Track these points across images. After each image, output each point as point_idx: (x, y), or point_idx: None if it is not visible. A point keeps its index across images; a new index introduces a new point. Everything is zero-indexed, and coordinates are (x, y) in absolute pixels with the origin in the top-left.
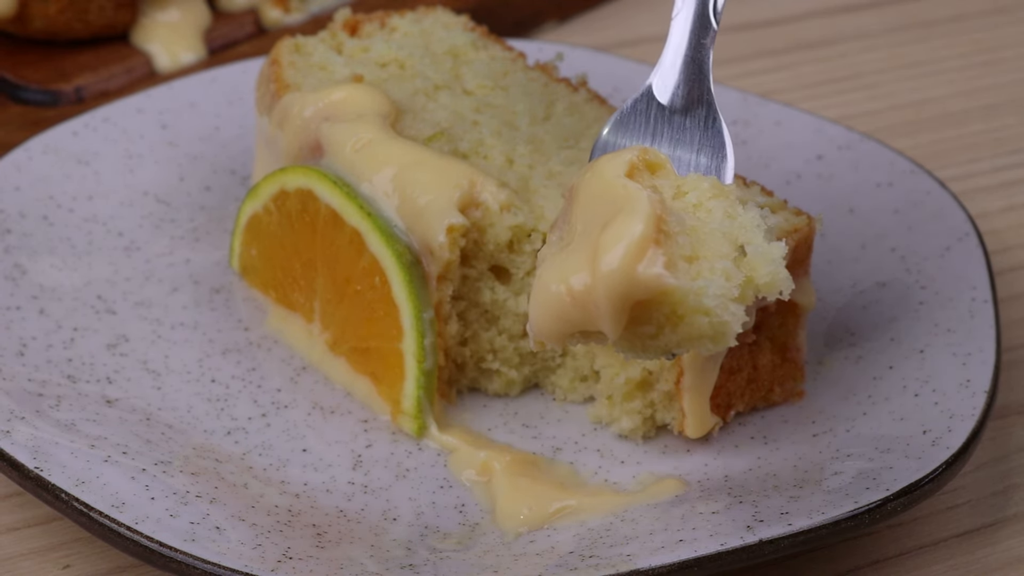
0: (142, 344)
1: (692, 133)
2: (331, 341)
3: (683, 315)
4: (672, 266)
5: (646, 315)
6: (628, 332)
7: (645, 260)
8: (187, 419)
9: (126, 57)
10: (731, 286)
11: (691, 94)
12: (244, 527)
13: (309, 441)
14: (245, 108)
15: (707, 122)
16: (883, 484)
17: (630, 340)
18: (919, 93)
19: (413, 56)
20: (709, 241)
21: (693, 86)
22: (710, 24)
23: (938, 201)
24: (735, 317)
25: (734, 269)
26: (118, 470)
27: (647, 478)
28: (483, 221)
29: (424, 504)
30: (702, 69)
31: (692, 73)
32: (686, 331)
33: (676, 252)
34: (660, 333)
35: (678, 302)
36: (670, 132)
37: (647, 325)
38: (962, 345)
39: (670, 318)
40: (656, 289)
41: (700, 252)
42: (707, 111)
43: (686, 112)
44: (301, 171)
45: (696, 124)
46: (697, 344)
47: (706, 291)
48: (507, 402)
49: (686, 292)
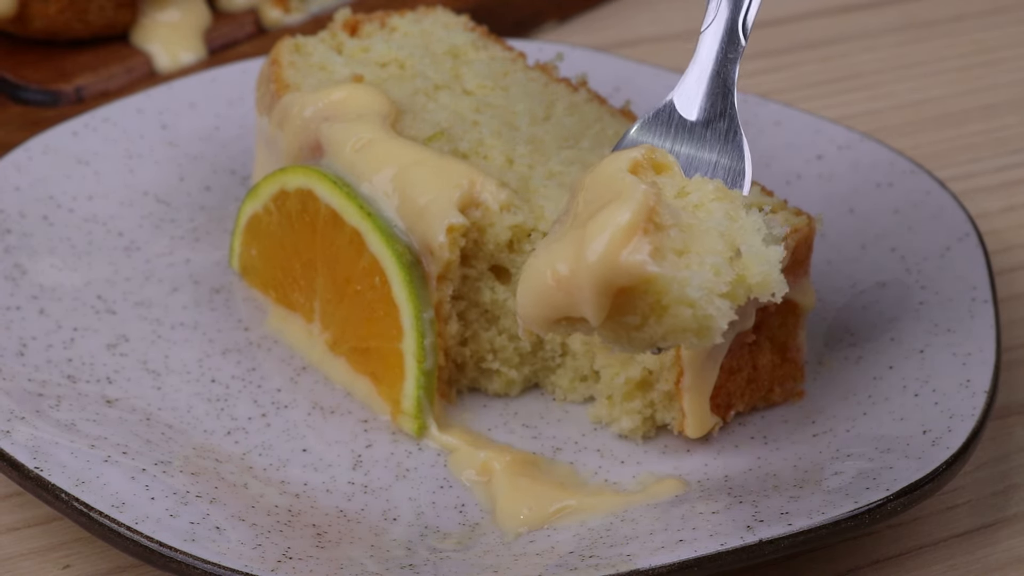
0: (142, 344)
1: (712, 145)
2: (331, 341)
3: (667, 305)
4: (659, 256)
5: (630, 304)
6: (612, 322)
7: (630, 247)
8: (187, 419)
9: (126, 57)
10: (718, 281)
11: (714, 107)
12: (244, 527)
13: (309, 441)
14: (245, 108)
15: (728, 135)
16: (883, 484)
17: (614, 330)
18: (919, 93)
19: (413, 56)
20: (703, 238)
21: (716, 100)
22: (739, 40)
23: (938, 201)
24: (720, 312)
25: (725, 266)
26: (118, 470)
27: (647, 478)
28: (483, 221)
29: (424, 504)
30: (727, 83)
31: (716, 87)
32: (670, 323)
33: (666, 244)
34: (644, 324)
35: (661, 291)
36: (690, 142)
37: (631, 315)
38: (962, 345)
39: (654, 308)
40: (638, 276)
41: (692, 247)
42: (729, 124)
43: (707, 124)
44: (301, 171)
45: (717, 137)
46: (682, 338)
47: (690, 281)
48: (507, 402)
49: (669, 281)
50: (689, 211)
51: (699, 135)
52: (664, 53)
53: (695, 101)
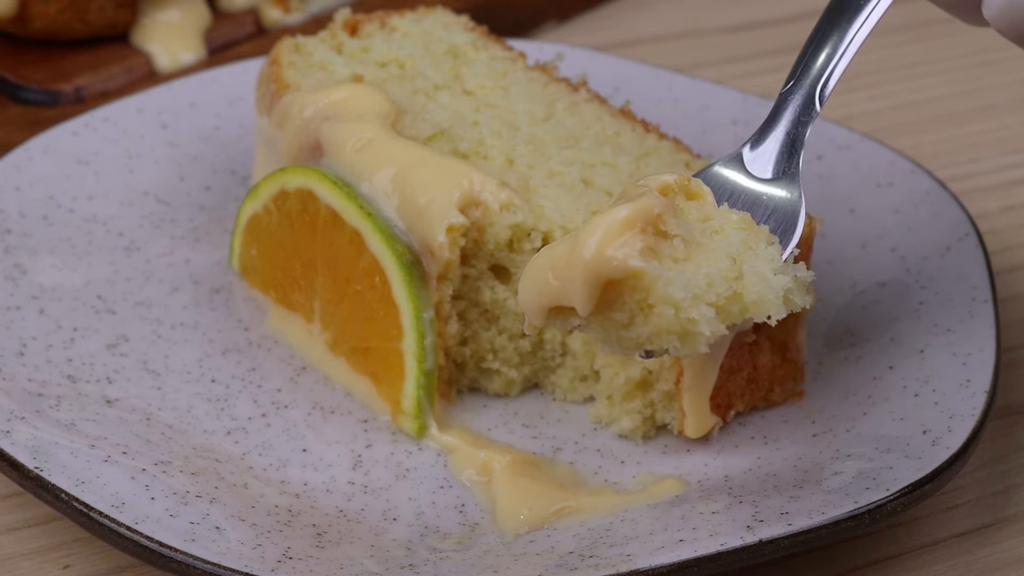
0: (142, 344)
1: (769, 200)
2: (331, 341)
3: (652, 304)
4: (651, 255)
5: (619, 299)
6: (601, 316)
7: (620, 240)
8: (187, 419)
9: (126, 57)
10: (708, 289)
11: (778, 166)
12: (244, 527)
13: (309, 441)
14: (245, 108)
15: (789, 192)
16: (883, 484)
17: (603, 326)
18: (919, 93)
19: (413, 56)
20: (709, 254)
21: (782, 158)
22: (814, 105)
23: (938, 201)
24: (704, 319)
25: (720, 279)
26: (118, 470)
27: (647, 478)
28: (483, 220)
29: (424, 504)
30: (795, 144)
31: (785, 147)
32: (655, 323)
33: (665, 250)
34: (632, 323)
35: (647, 289)
36: (746, 197)
37: (619, 311)
38: (962, 345)
39: (641, 306)
40: (624, 269)
41: (694, 259)
42: (789, 184)
43: (770, 181)
44: (301, 171)
45: (774, 195)
46: (666, 341)
47: (674, 281)
48: (507, 402)
49: (655, 279)
50: (707, 234)
51: (757, 192)
52: (664, 53)
53: (766, 159)
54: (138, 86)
